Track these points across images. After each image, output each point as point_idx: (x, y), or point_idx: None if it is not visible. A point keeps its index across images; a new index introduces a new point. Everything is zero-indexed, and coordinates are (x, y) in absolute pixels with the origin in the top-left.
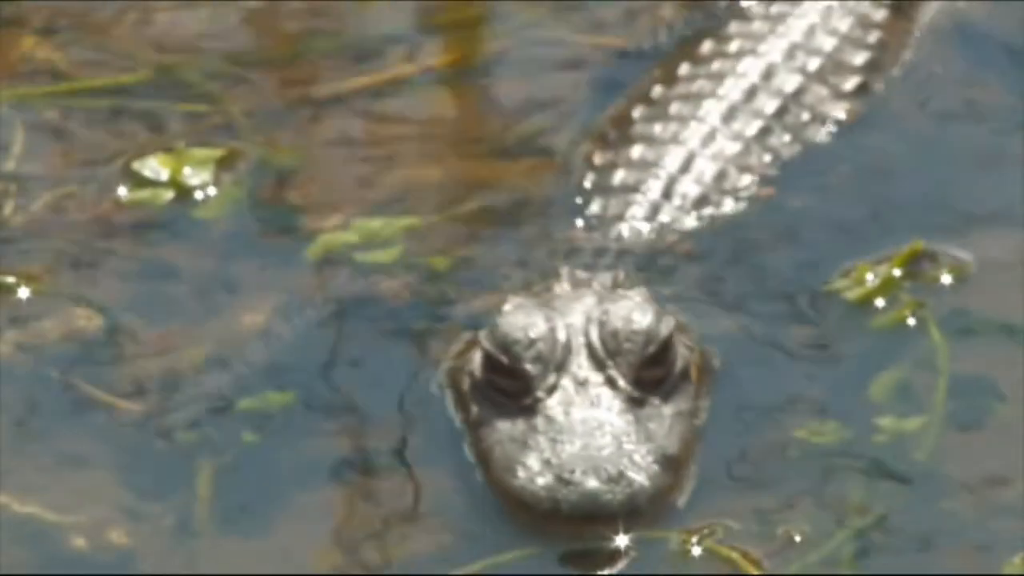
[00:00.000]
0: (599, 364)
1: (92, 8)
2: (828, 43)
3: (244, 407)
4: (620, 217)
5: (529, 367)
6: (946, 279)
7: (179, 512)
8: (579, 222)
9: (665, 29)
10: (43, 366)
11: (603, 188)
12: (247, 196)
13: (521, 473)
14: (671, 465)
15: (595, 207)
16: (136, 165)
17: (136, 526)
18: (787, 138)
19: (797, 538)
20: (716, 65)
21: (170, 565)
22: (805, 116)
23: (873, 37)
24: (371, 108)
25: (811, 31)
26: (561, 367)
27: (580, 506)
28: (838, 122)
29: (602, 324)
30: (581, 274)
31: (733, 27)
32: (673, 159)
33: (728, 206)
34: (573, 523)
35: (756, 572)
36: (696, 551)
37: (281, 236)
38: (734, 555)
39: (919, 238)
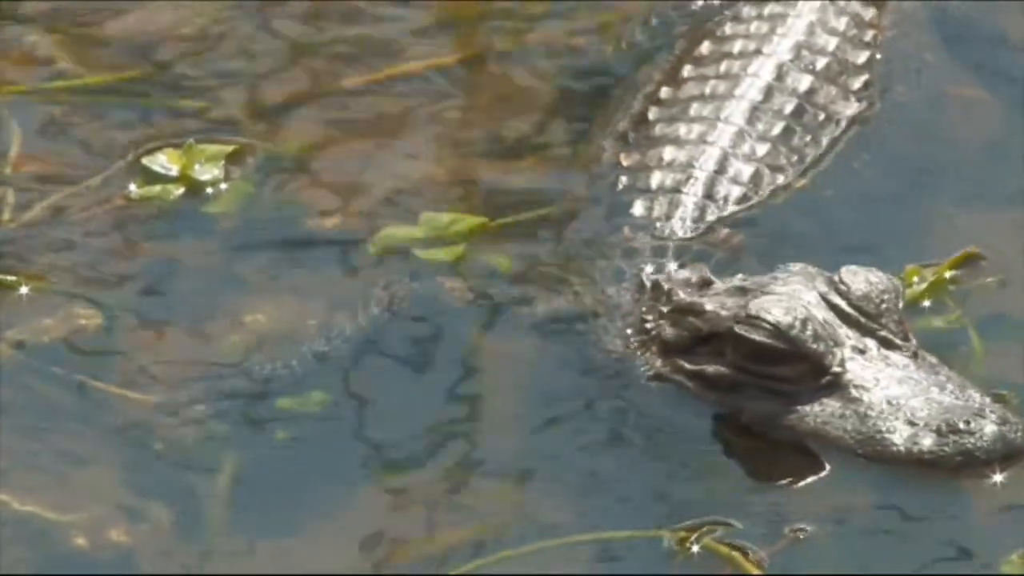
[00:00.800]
0: (865, 330)
1: (92, 7)
2: (831, 43)
3: (282, 406)
4: (668, 217)
5: (813, 347)
6: (989, 282)
7: (179, 512)
8: (625, 223)
9: (642, 28)
10: (44, 365)
11: (642, 190)
12: (257, 191)
13: (897, 439)
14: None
15: (638, 209)
16: (146, 161)
17: (136, 525)
18: (808, 138)
19: (798, 537)
20: (724, 66)
21: (171, 565)
22: (821, 116)
23: (868, 35)
24: (374, 106)
25: (811, 30)
26: (836, 341)
27: (993, 450)
28: (851, 119)
29: (843, 293)
30: (662, 273)
31: (729, 28)
32: (708, 160)
33: (765, 203)
34: (959, 470)
35: (756, 572)
36: (696, 550)
37: (291, 232)
38: (734, 555)
39: (968, 239)
